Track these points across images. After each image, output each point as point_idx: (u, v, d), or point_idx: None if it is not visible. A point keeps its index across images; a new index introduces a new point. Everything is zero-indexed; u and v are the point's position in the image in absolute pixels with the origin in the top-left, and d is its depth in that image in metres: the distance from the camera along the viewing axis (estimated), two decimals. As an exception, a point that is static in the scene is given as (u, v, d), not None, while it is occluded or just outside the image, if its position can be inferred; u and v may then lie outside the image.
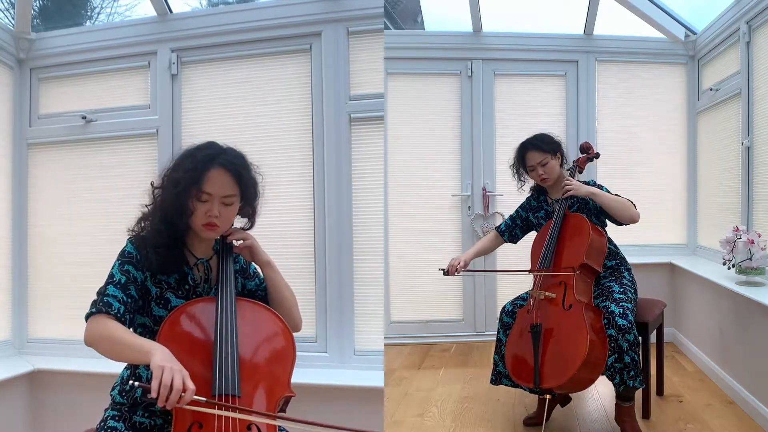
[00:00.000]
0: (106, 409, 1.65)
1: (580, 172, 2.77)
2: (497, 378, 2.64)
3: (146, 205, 1.67)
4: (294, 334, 1.68)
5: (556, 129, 2.90)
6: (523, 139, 2.72)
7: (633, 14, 3.79)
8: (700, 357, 3.38)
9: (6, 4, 3.59)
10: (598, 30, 4.01)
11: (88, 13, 4.26)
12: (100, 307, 1.50)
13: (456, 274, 2.64)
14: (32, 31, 3.04)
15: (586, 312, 2.31)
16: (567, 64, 4.04)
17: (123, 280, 1.56)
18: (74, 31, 3.11)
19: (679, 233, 4.07)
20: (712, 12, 3.72)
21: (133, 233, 1.65)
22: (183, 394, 1.27)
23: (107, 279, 1.57)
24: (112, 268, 1.59)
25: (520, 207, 2.83)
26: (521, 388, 2.53)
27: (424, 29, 4.68)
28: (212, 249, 1.74)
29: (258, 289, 1.82)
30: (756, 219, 3.18)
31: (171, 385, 1.26)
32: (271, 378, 1.56)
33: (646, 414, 2.63)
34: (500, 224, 2.87)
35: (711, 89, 3.73)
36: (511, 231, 2.82)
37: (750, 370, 2.72)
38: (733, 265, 2.90)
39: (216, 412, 1.38)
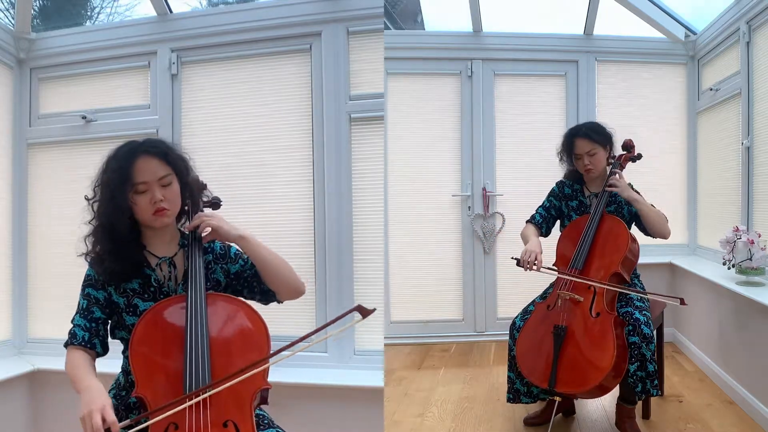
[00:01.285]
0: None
1: (620, 170, 2.66)
2: (515, 396, 2.52)
3: (89, 221, 1.66)
4: (293, 333, 1.67)
5: (556, 129, 2.89)
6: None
7: (633, 14, 3.79)
8: (700, 357, 3.38)
9: (6, 4, 3.59)
10: (598, 30, 4.00)
11: (88, 13, 4.25)
12: (69, 339, 1.60)
13: (533, 269, 2.42)
14: (32, 31, 3.04)
15: (613, 323, 2.27)
16: (567, 64, 4.03)
17: (85, 305, 1.61)
18: (74, 31, 3.11)
19: (679, 233, 4.06)
20: (712, 12, 3.71)
21: (87, 254, 1.65)
22: (109, 430, 1.33)
23: (76, 308, 1.63)
24: (79, 294, 1.64)
25: (552, 196, 2.71)
26: (542, 397, 2.49)
27: (424, 29, 4.67)
28: (178, 245, 1.72)
29: (245, 269, 1.75)
30: (756, 219, 3.18)
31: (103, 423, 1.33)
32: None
33: (646, 414, 2.63)
34: (534, 216, 2.70)
35: (711, 89, 3.73)
36: (548, 223, 2.69)
37: (750, 370, 2.72)
38: (733, 265, 2.90)
39: (183, 406, 1.40)
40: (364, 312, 1.46)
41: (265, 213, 2.83)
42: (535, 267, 2.42)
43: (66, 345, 1.60)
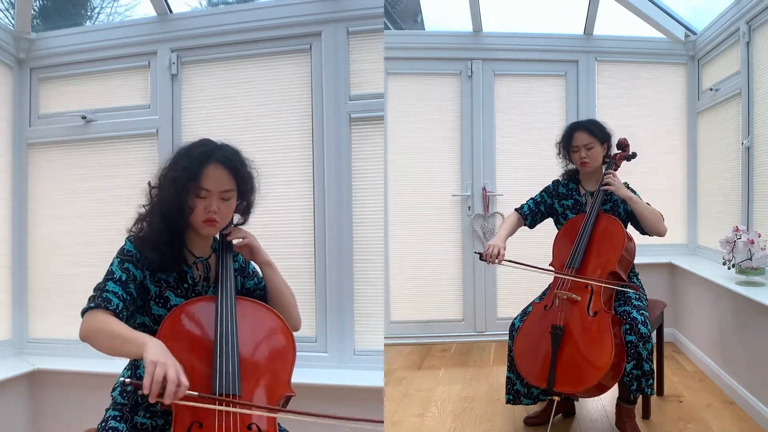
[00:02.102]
0: (107, 409, 1.65)
1: (615, 170, 2.66)
2: (515, 397, 2.51)
3: (144, 206, 1.67)
4: (293, 333, 1.68)
5: (556, 129, 2.88)
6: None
7: (633, 14, 3.79)
8: (700, 357, 3.38)
9: (6, 4, 3.59)
10: (598, 30, 4.00)
11: (88, 13, 4.25)
12: (99, 302, 1.49)
13: (495, 263, 2.45)
14: (32, 31, 3.04)
15: (611, 322, 2.27)
16: (567, 64, 4.03)
17: (123, 278, 1.56)
18: (74, 31, 3.11)
19: (679, 233, 4.06)
20: (712, 12, 3.72)
21: (132, 233, 1.65)
22: (177, 388, 1.26)
23: (106, 275, 1.57)
24: (111, 265, 1.59)
25: (545, 192, 2.72)
26: (542, 399, 2.50)
27: (424, 29, 4.67)
28: (211, 247, 1.74)
29: (257, 288, 1.82)
30: (756, 219, 3.18)
31: (164, 380, 1.25)
32: (271, 377, 1.56)
33: (646, 414, 2.63)
34: (522, 207, 2.71)
35: (711, 89, 3.73)
36: (534, 216, 2.70)
37: (750, 370, 2.72)
38: (733, 265, 2.90)
39: (212, 407, 1.39)
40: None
41: (265, 213, 2.78)
42: (497, 261, 2.44)
43: (89, 309, 1.49)
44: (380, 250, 2.83)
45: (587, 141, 2.58)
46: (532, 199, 2.73)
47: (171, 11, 2.97)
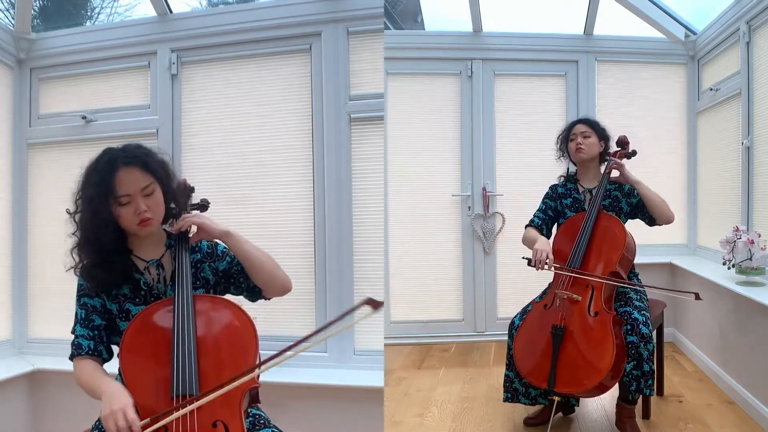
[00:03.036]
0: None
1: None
2: (513, 395, 2.52)
3: (73, 233, 1.65)
4: (294, 333, 1.68)
5: (556, 129, 2.88)
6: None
7: (633, 14, 3.79)
8: (700, 357, 3.38)
9: (6, 4, 3.59)
10: (598, 30, 4.00)
11: (88, 13, 4.25)
12: (74, 351, 1.63)
13: (544, 269, 2.41)
14: (32, 31, 3.04)
15: (612, 322, 2.26)
16: (567, 64, 4.03)
17: (83, 314, 1.63)
18: (74, 31, 3.11)
19: (679, 233, 4.07)
20: (712, 12, 3.72)
21: (74, 267, 1.66)
22: (132, 429, 1.37)
23: (74, 318, 1.65)
24: (75, 305, 1.65)
25: (546, 198, 2.72)
26: (540, 402, 2.51)
27: (424, 29, 4.67)
28: (164, 245, 1.72)
29: (232, 266, 1.75)
30: (756, 219, 3.18)
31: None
32: (234, 371, 1.53)
33: (646, 414, 2.63)
34: (533, 221, 2.70)
35: (711, 89, 3.73)
36: (547, 224, 2.69)
37: (750, 370, 2.72)
38: (733, 265, 2.90)
39: (167, 420, 1.40)
40: (375, 304, 1.45)
41: (265, 213, 2.83)
42: (546, 266, 2.41)
43: (72, 357, 1.63)
44: (380, 250, 2.82)
45: (585, 130, 2.64)
46: (538, 210, 2.73)
47: (171, 11, 2.96)
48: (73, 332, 1.65)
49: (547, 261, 2.42)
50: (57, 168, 3.04)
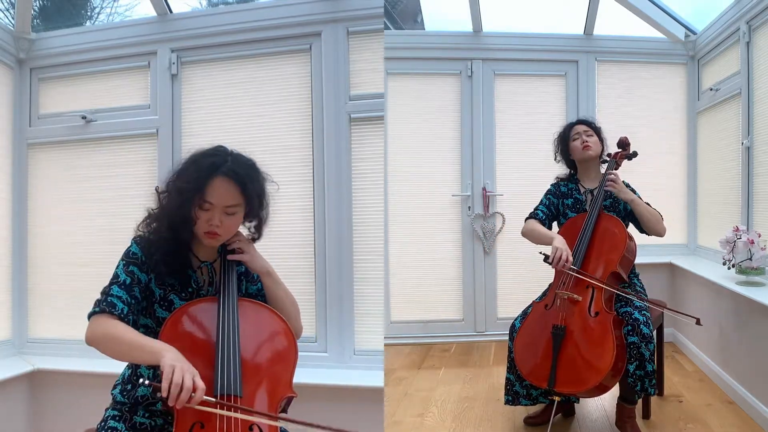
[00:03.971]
0: (107, 409, 1.65)
1: (616, 168, 2.68)
2: (514, 398, 2.52)
3: (153, 209, 1.66)
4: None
5: (556, 129, 2.88)
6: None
7: (633, 14, 3.79)
8: (700, 357, 3.38)
9: (6, 4, 3.59)
10: (598, 30, 4.01)
11: (88, 13, 4.26)
12: (104, 306, 1.50)
13: (562, 269, 2.39)
14: (32, 31, 3.03)
15: (612, 322, 2.27)
16: (567, 64, 4.04)
17: (128, 281, 1.56)
18: (74, 31, 3.11)
19: (679, 233, 4.07)
20: (712, 12, 3.72)
21: (139, 234, 1.65)
22: (193, 393, 1.29)
23: (111, 279, 1.57)
24: (117, 268, 1.59)
25: (549, 194, 2.72)
26: (541, 401, 2.51)
27: (424, 29, 4.68)
28: (217, 252, 1.74)
29: (259, 294, 1.79)
30: (756, 219, 3.18)
31: (182, 385, 1.27)
32: (273, 378, 1.56)
33: (646, 414, 2.63)
34: (536, 214, 2.67)
35: (711, 89, 3.73)
36: (550, 219, 2.68)
37: (750, 370, 2.72)
38: (733, 265, 2.90)
39: (221, 412, 1.38)
40: None
41: (265, 213, 2.83)
42: (564, 267, 2.39)
43: (94, 313, 1.50)
44: (380, 250, 2.82)
45: (586, 128, 2.66)
46: (541, 203, 2.71)
47: (171, 11, 2.96)
48: (105, 292, 1.54)
49: (566, 262, 2.39)
50: (57, 168, 3.04)
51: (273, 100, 2.85)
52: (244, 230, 1.76)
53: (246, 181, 1.60)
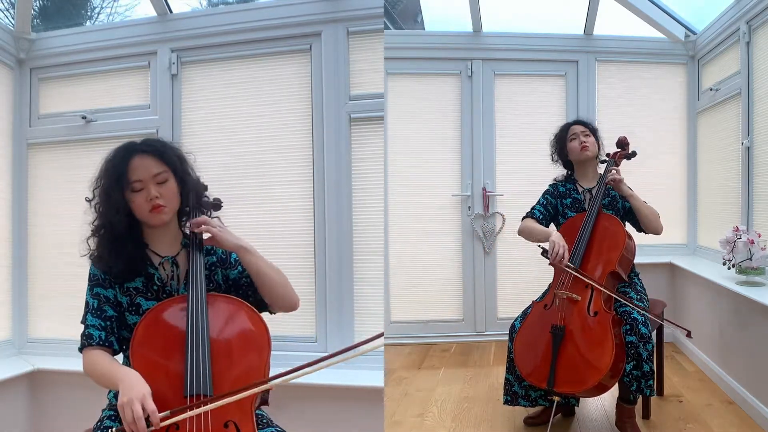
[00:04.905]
0: (104, 410, 1.67)
1: (616, 167, 2.66)
2: (513, 399, 2.52)
3: (92, 222, 1.66)
4: (294, 333, 1.68)
5: (555, 129, 2.89)
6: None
7: (633, 14, 3.79)
8: (700, 357, 3.38)
9: (6, 4, 3.59)
10: (598, 30, 4.00)
11: (88, 13, 4.26)
12: (84, 341, 1.59)
13: (560, 266, 2.39)
14: (32, 31, 3.04)
15: (611, 322, 2.26)
16: (567, 64, 4.03)
17: (96, 304, 1.61)
18: (74, 31, 3.11)
19: (679, 233, 4.07)
20: (712, 12, 3.72)
21: (89, 254, 1.66)
22: (149, 418, 1.34)
23: (84, 308, 1.63)
24: (86, 295, 1.63)
25: (547, 194, 2.72)
26: (540, 403, 2.51)
27: (424, 29, 4.67)
28: (180, 244, 1.72)
29: (242, 277, 1.74)
30: (756, 219, 3.18)
31: (135, 418, 1.33)
32: (246, 372, 1.53)
33: (646, 414, 2.63)
34: (533, 213, 2.66)
35: (711, 89, 3.73)
36: (547, 219, 2.68)
37: (750, 370, 2.72)
38: (733, 265, 2.90)
39: (184, 416, 1.39)
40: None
41: (265, 213, 2.83)
42: (561, 264, 2.39)
43: (82, 348, 1.60)
44: (380, 250, 2.82)
45: (583, 129, 2.67)
46: (538, 203, 2.71)
47: (171, 11, 2.97)
48: (83, 322, 1.62)
49: (563, 258, 2.39)
50: (57, 168, 3.04)
51: (273, 100, 2.85)
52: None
53: (161, 150, 1.64)
